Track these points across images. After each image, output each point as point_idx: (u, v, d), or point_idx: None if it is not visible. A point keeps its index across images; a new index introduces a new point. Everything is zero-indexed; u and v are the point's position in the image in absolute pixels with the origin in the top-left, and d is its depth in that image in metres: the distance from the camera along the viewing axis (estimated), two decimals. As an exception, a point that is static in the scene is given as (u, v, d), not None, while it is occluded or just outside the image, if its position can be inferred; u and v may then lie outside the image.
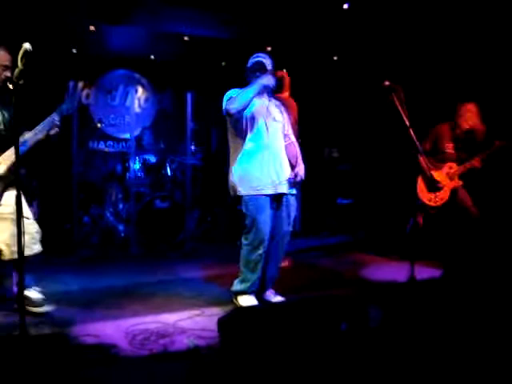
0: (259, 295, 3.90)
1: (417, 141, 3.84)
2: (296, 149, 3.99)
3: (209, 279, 4.62)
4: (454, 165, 5.09)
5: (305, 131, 5.10)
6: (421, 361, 2.66)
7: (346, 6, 5.70)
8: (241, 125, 3.78)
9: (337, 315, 2.82)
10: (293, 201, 3.94)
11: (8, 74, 3.32)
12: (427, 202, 5.12)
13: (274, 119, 3.86)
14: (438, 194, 5.09)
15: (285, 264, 4.97)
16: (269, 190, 3.74)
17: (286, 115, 4.00)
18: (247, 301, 3.78)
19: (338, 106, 5.84)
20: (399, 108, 3.85)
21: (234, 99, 3.68)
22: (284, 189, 3.80)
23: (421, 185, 5.21)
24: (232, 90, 3.84)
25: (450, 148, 5.15)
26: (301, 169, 3.90)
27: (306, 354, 2.52)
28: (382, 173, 6.87)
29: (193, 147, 6.66)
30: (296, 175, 3.83)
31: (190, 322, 3.36)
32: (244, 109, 3.70)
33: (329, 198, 7.26)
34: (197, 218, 6.83)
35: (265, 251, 3.74)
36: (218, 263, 4.92)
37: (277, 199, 3.83)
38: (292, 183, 3.86)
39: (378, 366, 2.63)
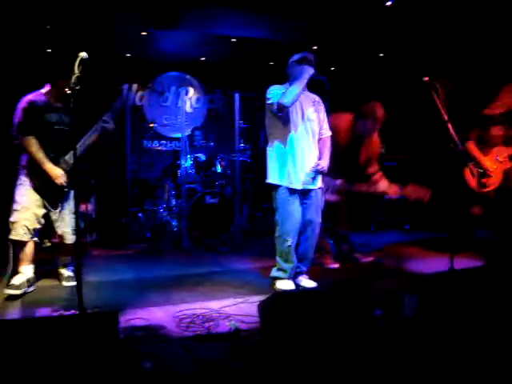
0: (293, 279, 4.14)
1: (455, 135, 3.91)
2: (326, 144, 4.19)
3: (255, 270, 4.79)
4: (502, 148, 5.10)
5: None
6: (452, 350, 2.75)
7: (389, 3, 5.78)
8: (282, 118, 3.97)
9: (371, 302, 2.96)
10: (320, 194, 4.15)
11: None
12: (477, 189, 5.16)
13: (308, 118, 4.05)
14: (488, 179, 5.11)
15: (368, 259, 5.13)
16: (297, 184, 3.97)
17: (321, 111, 4.18)
18: (285, 285, 4.05)
19: (383, 102, 5.92)
20: (437, 103, 3.95)
21: (285, 94, 3.84)
22: (311, 185, 4.03)
23: (470, 172, 5.24)
24: (273, 86, 4.04)
25: (497, 130, 5.15)
26: (324, 161, 4.08)
27: (339, 338, 2.67)
28: (428, 167, 6.87)
29: (242, 145, 6.83)
30: (318, 164, 4.00)
31: (234, 309, 3.55)
32: (296, 100, 3.90)
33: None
34: (246, 214, 7.05)
35: (294, 242, 3.98)
36: (264, 256, 5.10)
37: (305, 193, 4.05)
38: (315, 172, 4.04)
39: (408, 352, 2.75)
